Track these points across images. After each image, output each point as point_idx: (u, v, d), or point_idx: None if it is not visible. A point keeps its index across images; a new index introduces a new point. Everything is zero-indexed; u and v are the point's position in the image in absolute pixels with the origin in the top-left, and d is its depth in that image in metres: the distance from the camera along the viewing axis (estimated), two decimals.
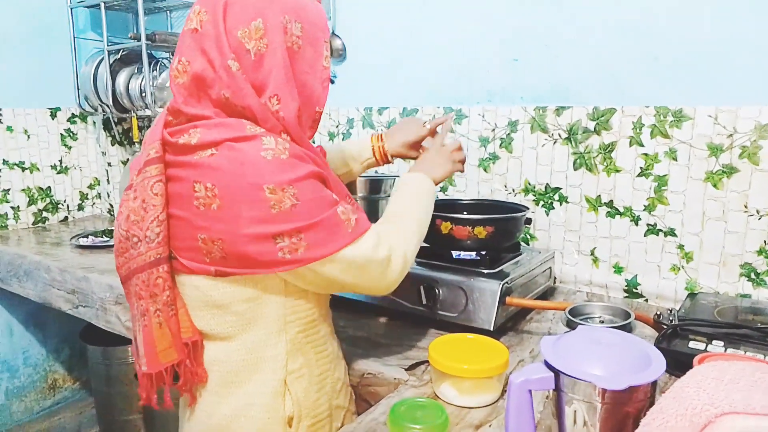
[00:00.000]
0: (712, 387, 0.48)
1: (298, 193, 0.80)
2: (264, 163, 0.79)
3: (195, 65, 0.83)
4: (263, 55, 0.81)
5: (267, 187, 0.78)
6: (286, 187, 0.79)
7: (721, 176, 1.32)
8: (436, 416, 0.80)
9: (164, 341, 0.87)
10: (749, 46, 1.27)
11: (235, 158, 0.79)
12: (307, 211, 0.80)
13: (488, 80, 1.62)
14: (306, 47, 0.85)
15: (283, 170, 0.79)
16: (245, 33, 0.81)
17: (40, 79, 2.29)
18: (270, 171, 0.79)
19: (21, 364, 2.35)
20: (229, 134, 0.80)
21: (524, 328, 1.28)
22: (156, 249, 0.84)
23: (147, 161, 0.84)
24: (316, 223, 0.81)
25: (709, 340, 1.03)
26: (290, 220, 0.80)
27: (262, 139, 0.80)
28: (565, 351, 0.71)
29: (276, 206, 0.79)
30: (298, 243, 0.81)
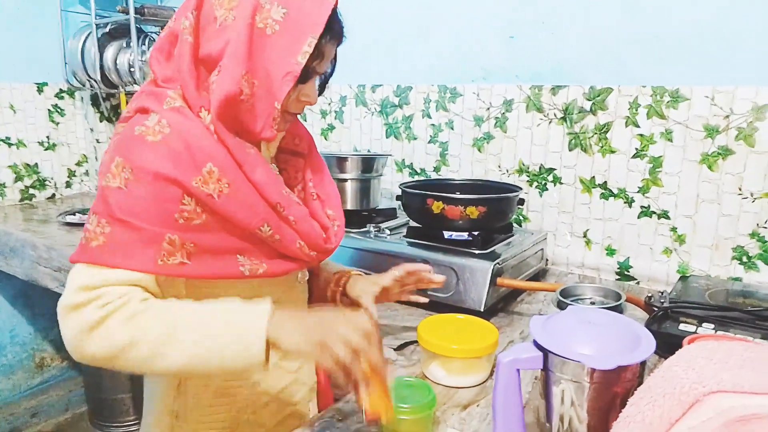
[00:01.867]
0: (700, 366, 0.47)
1: (131, 181, 0.73)
2: (130, 135, 0.76)
3: (177, 23, 0.81)
4: (227, 27, 0.76)
5: (117, 158, 0.74)
6: (127, 167, 0.73)
7: (716, 158, 1.30)
8: (423, 395, 0.79)
9: None
10: (747, 26, 1.24)
11: (126, 127, 0.78)
12: (128, 203, 0.73)
13: (484, 58, 1.59)
14: (283, 34, 0.77)
15: (137, 150, 0.74)
16: (219, 1, 0.77)
17: (27, 53, 2.24)
18: (127, 145, 0.75)
19: (8, 343, 2.33)
20: (143, 104, 0.79)
21: (515, 310, 1.27)
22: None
23: (120, 119, 0.84)
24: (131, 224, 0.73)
25: (700, 323, 1.02)
26: (105, 201, 0.73)
27: (150, 116, 0.76)
28: (555, 331, 0.70)
29: (107, 179, 0.74)
30: (98, 234, 0.73)
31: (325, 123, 1.95)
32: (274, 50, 0.77)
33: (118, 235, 0.73)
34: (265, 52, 0.77)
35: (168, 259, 0.75)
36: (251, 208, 0.79)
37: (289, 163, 0.92)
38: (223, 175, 0.76)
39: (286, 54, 0.77)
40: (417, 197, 1.31)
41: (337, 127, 1.92)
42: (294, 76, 0.77)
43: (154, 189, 0.73)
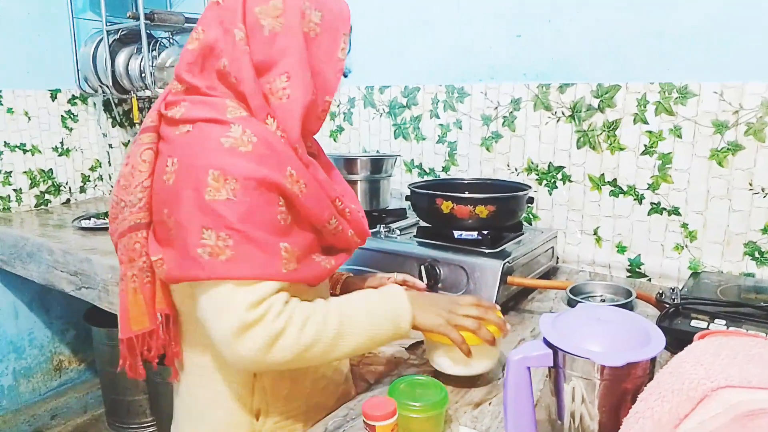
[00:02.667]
0: (709, 362, 0.47)
1: (238, 190, 0.75)
2: (218, 147, 0.76)
3: (209, 34, 0.83)
4: (277, 34, 0.80)
5: (212, 171, 0.75)
6: (230, 178, 0.75)
7: (726, 154, 1.30)
8: (435, 393, 0.80)
9: (136, 308, 0.86)
10: (755, 21, 1.24)
11: (199, 138, 0.78)
12: (241, 212, 0.75)
13: (491, 57, 1.60)
14: (323, 35, 0.84)
15: (234, 161, 0.76)
16: (263, 10, 0.81)
17: (40, 60, 2.28)
18: (220, 156, 0.76)
19: (27, 345, 2.37)
20: (207, 114, 0.79)
21: (526, 308, 1.28)
22: (137, 214, 0.83)
23: (143, 129, 0.85)
24: (251, 235, 0.75)
25: (712, 319, 1.02)
26: (218, 214, 0.74)
27: (231, 126, 0.78)
28: (564, 328, 0.70)
29: (211, 193, 0.75)
30: (223, 248, 0.75)
31: (334, 125, 1.96)
32: (321, 50, 0.84)
33: (243, 245, 0.75)
34: (314, 53, 0.83)
35: (288, 266, 0.79)
36: (323, 203, 0.85)
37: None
38: (300, 177, 0.81)
39: (330, 52, 0.85)
40: (426, 197, 1.32)
41: (346, 129, 1.94)
42: (340, 75, 0.86)
43: (260, 195, 0.77)
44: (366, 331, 0.83)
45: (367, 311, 0.84)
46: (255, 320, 0.75)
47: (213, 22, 0.83)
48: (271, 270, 0.77)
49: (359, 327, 0.82)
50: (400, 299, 0.87)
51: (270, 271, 0.77)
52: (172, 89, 0.86)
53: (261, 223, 0.77)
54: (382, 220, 1.50)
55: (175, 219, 0.78)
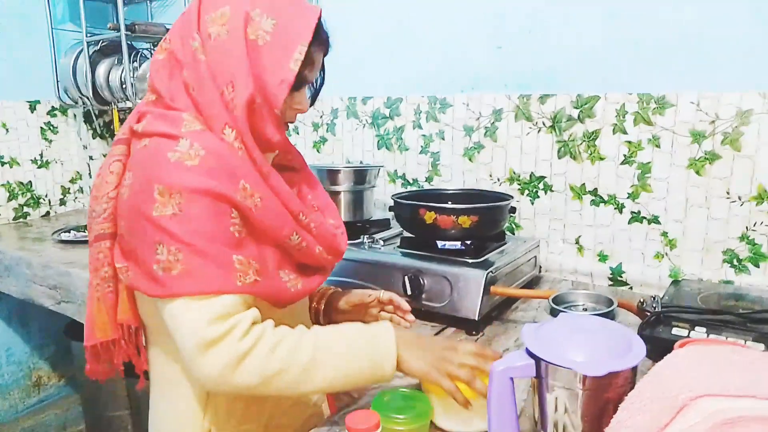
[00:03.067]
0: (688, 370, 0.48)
1: (184, 204, 0.74)
2: (165, 161, 0.75)
3: (174, 44, 0.83)
4: (223, 42, 0.79)
5: (157, 186, 0.74)
6: (174, 193, 0.74)
7: (703, 163, 1.32)
8: (419, 405, 0.79)
9: (100, 317, 0.86)
10: (730, 32, 1.26)
11: (150, 152, 0.78)
12: (188, 225, 0.74)
13: (472, 68, 1.61)
14: (274, 44, 0.80)
15: (179, 175, 0.75)
16: (212, 18, 0.80)
17: (18, 71, 2.25)
18: (166, 171, 0.75)
19: (4, 362, 2.32)
20: (162, 128, 0.79)
21: (510, 317, 1.28)
22: (102, 224, 0.83)
23: (115, 141, 0.86)
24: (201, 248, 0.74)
25: (692, 327, 1.03)
26: (166, 229, 0.74)
27: (179, 141, 0.77)
28: (546, 338, 0.70)
29: (158, 209, 0.74)
30: (174, 262, 0.74)
31: (317, 135, 1.96)
32: (268, 60, 0.80)
33: (193, 259, 0.74)
34: (260, 62, 0.80)
35: (245, 279, 0.77)
36: (281, 218, 0.83)
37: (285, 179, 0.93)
38: (255, 190, 0.79)
39: (279, 62, 0.80)
40: (409, 208, 1.33)
41: (330, 140, 1.94)
42: (288, 83, 0.80)
43: (208, 206, 0.75)
44: (342, 369, 0.78)
45: (347, 347, 0.79)
46: (218, 337, 0.73)
47: (176, 32, 0.83)
48: (225, 283, 0.75)
49: (335, 362, 0.78)
50: (387, 340, 0.81)
51: (223, 283, 0.75)
52: (147, 100, 0.86)
53: (210, 235, 0.75)
54: (366, 230, 1.50)
55: (130, 234, 0.79)
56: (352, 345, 0.80)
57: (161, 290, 0.75)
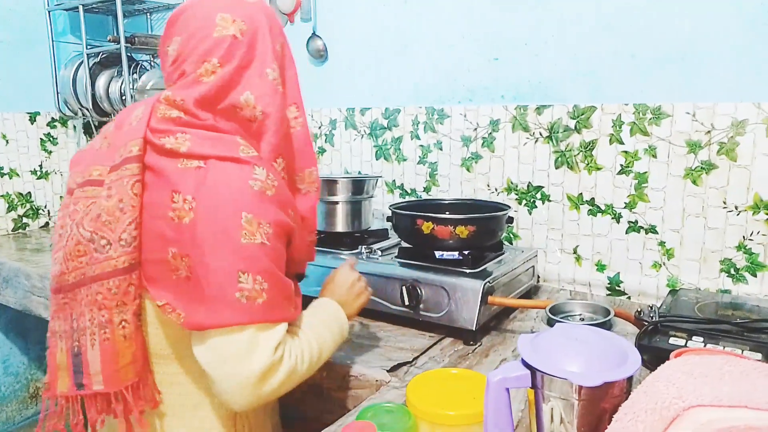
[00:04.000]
0: (681, 381, 0.48)
1: (271, 235, 0.77)
2: (249, 191, 0.76)
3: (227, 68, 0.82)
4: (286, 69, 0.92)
5: (245, 214, 0.75)
6: (263, 222, 0.76)
7: (700, 173, 1.33)
8: (404, 421, 0.79)
9: (127, 356, 0.79)
10: (726, 42, 1.28)
11: (222, 177, 0.76)
12: (273, 257, 0.77)
13: (469, 79, 1.62)
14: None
15: (265, 205, 0.77)
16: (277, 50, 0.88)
17: (19, 82, 2.26)
18: (252, 200, 0.76)
19: (1, 373, 2.31)
20: (221, 152, 0.78)
21: (507, 327, 1.28)
22: (132, 254, 0.77)
23: (127, 158, 0.79)
24: (279, 278, 0.78)
25: (690, 336, 1.03)
26: (256, 258, 0.75)
27: (255, 168, 0.78)
28: (542, 349, 0.70)
29: (247, 236, 0.74)
30: (260, 292, 0.75)
31: (315, 146, 1.97)
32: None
33: (275, 289, 0.78)
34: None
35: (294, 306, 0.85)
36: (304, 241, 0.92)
37: None
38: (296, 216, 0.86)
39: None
40: (407, 218, 1.33)
41: (328, 150, 1.94)
42: None
43: (282, 239, 0.80)
44: (331, 345, 0.91)
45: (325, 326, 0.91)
46: (278, 360, 0.77)
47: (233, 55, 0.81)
48: (288, 312, 0.81)
49: (328, 343, 0.90)
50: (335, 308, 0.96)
51: (288, 314, 0.81)
52: (158, 114, 0.81)
53: (282, 266, 0.81)
54: (364, 241, 1.50)
55: (196, 261, 0.75)
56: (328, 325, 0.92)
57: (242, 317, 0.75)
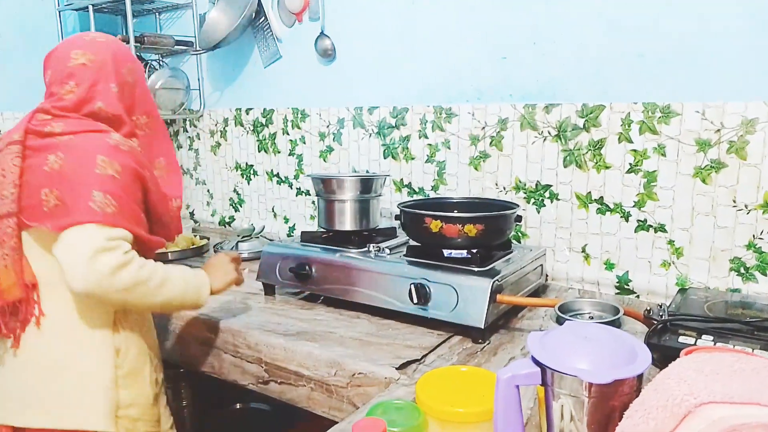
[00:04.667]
0: (692, 378, 0.48)
1: (121, 172, 1.06)
2: (105, 143, 1.07)
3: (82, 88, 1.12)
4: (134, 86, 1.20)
5: (100, 156, 1.04)
6: (115, 163, 1.05)
7: (709, 171, 1.32)
8: (413, 418, 0.79)
9: (8, 279, 1.06)
10: (735, 41, 1.27)
11: (85, 139, 1.08)
12: (122, 186, 1.05)
13: (477, 78, 1.62)
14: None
15: (117, 152, 1.07)
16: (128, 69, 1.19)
17: (29, 83, 2.26)
18: (107, 147, 1.06)
19: None
20: (88, 127, 1.10)
21: (516, 326, 1.28)
22: (9, 205, 1.06)
23: (10, 142, 1.09)
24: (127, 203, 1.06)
25: (699, 335, 1.03)
26: (106, 183, 1.03)
27: (111, 134, 1.10)
28: (552, 346, 0.71)
29: (100, 168, 1.03)
30: (108, 205, 1.02)
31: (323, 145, 1.98)
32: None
33: (124, 209, 1.05)
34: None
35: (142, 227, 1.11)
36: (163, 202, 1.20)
37: None
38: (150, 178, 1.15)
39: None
40: (415, 216, 1.33)
41: (336, 149, 1.95)
42: None
43: (134, 179, 1.09)
44: (178, 291, 1.12)
45: (182, 277, 1.15)
46: (108, 248, 1.00)
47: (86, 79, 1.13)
48: (134, 225, 1.07)
49: (175, 285, 1.12)
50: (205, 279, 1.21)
51: (133, 226, 1.07)
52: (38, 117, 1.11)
53: (132, 197, 1.08)
54: (372, 239, 1.51)
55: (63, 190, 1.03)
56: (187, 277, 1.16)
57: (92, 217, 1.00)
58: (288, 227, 2.13)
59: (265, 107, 2.11)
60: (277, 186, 2.14)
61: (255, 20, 2.03)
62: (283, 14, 1.97)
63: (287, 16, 1.96)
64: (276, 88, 2.06)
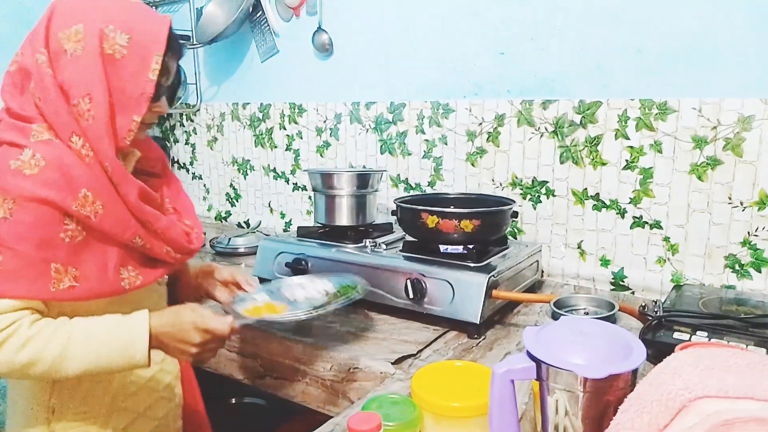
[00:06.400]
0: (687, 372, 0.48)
1: (15, 210, 0.81)
2: (5, 169, 0.82)
3: (24, 57, 0.88)
4: (78, 57, 0.85)
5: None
6: (8, 198, 0.81)
7: (705, 168, 1.33)
8: (408, 412, 0.79)
9: None
10: (732, 38, 1.27)
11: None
12: (14, 231, 0.81)
13: (475, 74, 1.62)
14: (131, 57, 0.87)
15: (15, 182, 0.81)
16: (65, 35, 0.85)
17: None
18: (3, 176, 0.82)
19: None
20: (10, 137, 0.85)
21: (512, 321, 1.29)
22: None
23: None
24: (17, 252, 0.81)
25: (694, 331, 1.03)
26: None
27: (23, 150, 0.83)
28: (547, 341, 0.71)
29: None
30: None
31: (320, 140, 1.97)
32: (126, 71, 0.87)
33: (7, 262, 0.81)
34: (118, 74, 0.87)
35: (59, 285, 0.84)
36: (123, 223, 0.89)
37: (146, 183, 0.97)
38: (96, 198, 0.86)
39: (137, 73, 0.88)
40: (412, 212, 1.33)
41: (333, 144, 1.95)
42: (149, 95, 0.88)
43: (38, 213, 0.82)
44: (93, 358, 0.85)
45: (100, 340, 0.86)
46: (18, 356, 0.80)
47: (26, 45, 0.89)
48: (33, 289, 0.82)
49: (85, 353, 0.85)
50: (139, 331, 0.88)
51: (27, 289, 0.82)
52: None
53: (34, 239, 0.82)
54: (369, 234, 1.51)
55: None
56: (106, 338, 0.86)
57: None
58: (284, 222, 2.13)
59: (262, 102, 2.10)
60: (274, 181, 2.14)
61: (252, 14, 2.02)
62: (281, 8, 1.96)
63: (285, 11, 1.95)
64: (273, 82, 2.06)
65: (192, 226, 1.05)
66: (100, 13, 0.86)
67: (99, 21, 0.85)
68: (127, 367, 0.88)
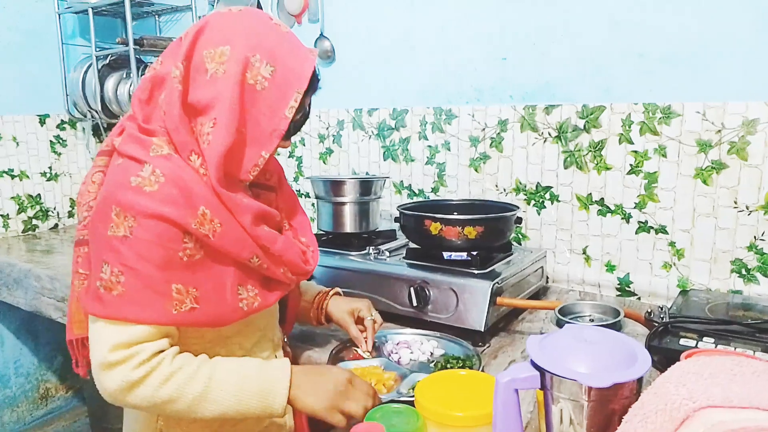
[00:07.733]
0: (691, 382, 0.47)
1: (135, 228, 0.78)
2: (126, 185, 0.80)
3: (164, 67, 0.86)
4: (217, 80, 0.82)
5: (115, 207, 0.79)
6: (129, 216, 0.78)
7: (710, 172, 1.32)
8: (412, 422, 0.78)
9: (78, 314, 0.92)
10: (735, 42, 1.26)
11: (111, 175, 0.84)
12: (135, 251, 0.78)
13: (477, 79, 1.62)
14: (271, 90, 0.84)
15: (136, 199, 0.79)
16: (210, 54, 0.83)
17: (29, 85, 2.28)
18: (125, 194, 0.79)
19: (12, 374, 2.33)
20: (131, 151, 0.83)
21: (516, 328, 1.28)
22: (81, 231, 0.88)
23: (99, 152, 0.91)
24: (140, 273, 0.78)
25: (700, 337, 1.02)
26: (116, 250, 0.78)
27: (143, 166, 0.81)
28: (551, 350, 0.70)
29: (113, 228, 0.79)
30: (115, 284, 0.78)
31: (323, 147, 1.97)
32: (265, 103, 0.84)
33: (132, 284, 0.78)
34: (255, 106, 0.83)
35: (180, 307, 0.81)
36: (241, 243, 0.85)
37: (261, 197, 0.94)
38: (214, 216, 0.82)
39: (275, 107, 0.84)
40: (415, 218, 1.33)
41: (336, 151, 1.94)
42: (281, 133, 0.85)
43: (158, 231, 0.79)
44: (231, 405, 0.82)
45: (239, 384, 0.83)
46: (115, 362, 0.78)
47: (168, 56, 0.87)
48: (156, 313, 0.79)
49: (224, 396, 0.82)
50: (280, 378, 0.85)
51: (152, 314, 0.79)
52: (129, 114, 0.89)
53: (155, 258, 0.79)
54: (372, 241, 1.50)
55: (90, 247, 0.84)
56: (245, 383, 0.83)
57: (98, 308, 0.79)
58: None
59: None
60: None
61: None
62: (283, 16, 1.97)
63: (287, 18, 1.96)
64: None
65: (308, 244, 0.99)
66: (251, 39, 0.83)
67: (247, 48, 0.82)
68: (263, 415, 0.85)
